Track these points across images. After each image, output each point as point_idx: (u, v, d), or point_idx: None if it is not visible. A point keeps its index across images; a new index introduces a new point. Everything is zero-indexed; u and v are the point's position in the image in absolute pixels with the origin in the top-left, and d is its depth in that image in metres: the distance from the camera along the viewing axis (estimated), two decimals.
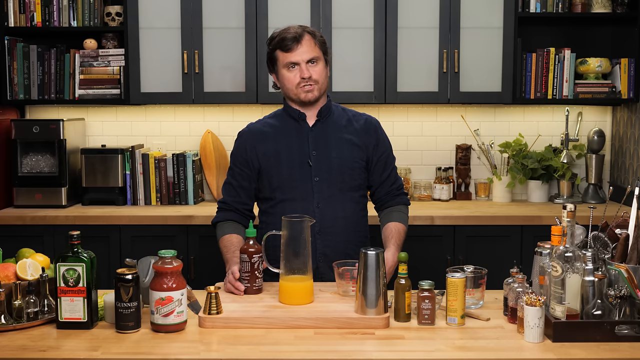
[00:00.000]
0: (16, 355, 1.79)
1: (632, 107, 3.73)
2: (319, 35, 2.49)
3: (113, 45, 3.79)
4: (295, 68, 2.43)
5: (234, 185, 2.53)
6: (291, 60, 2.42)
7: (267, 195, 2.51)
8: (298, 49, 2.42)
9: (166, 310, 1.91)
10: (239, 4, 3.65)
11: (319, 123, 2.51)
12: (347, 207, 2.50)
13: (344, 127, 2.53)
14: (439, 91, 3.69)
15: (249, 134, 2.54)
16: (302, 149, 2.48)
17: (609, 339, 1.85)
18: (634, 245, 1.96)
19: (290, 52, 2.42)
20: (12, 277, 2.03)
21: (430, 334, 1.93)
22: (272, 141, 2.50)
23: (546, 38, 3.88)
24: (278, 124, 2.54)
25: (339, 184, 2.48)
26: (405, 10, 3.66)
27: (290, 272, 2.14)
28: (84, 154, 3.73)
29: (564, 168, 3.79)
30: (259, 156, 2.49)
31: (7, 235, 3.40)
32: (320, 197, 2.46)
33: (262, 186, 2.52)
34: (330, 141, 2.50)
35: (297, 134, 2.50)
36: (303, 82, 2.43)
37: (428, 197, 3.95)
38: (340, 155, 2.49)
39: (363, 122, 2.57)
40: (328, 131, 2.51)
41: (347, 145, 2.51)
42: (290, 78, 2.45)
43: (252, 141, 2.51)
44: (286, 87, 2.47)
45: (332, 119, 2.54)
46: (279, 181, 2.47)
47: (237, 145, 2.56)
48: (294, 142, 2.49)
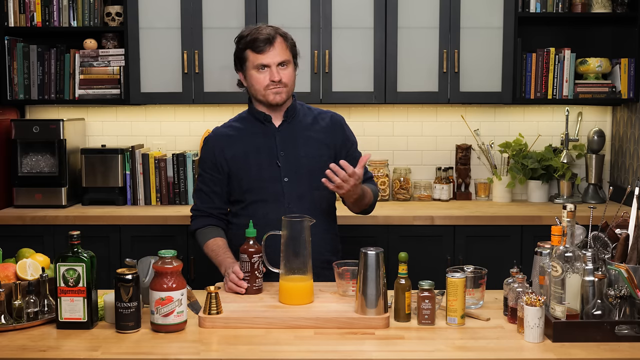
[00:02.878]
0: (16, 355, 1.79)
1: (632, 107, 3.73)
2: (290, 38, 2.49)
3: (113, 45, 3.79)
4: (265, 70, 2.43)
5: (206, 191, 2.53)
6: (262, 62, 2.42)
7: (238, 197, 2.51)
8: (270, 51, 2.41)
9: (166, 310, 1.91)
10: (239, 4, 3.65)
11: (286, 123, 2.52)
12: (318, 206, 2.50)
13: (310, 126, 2.54)
14: (439, 91, 3.69)
15: (215, 138, 2.54)
16: (270, 150, 2.48)
17: (609, 339, 1.85)
18: (634, 245, 1.96)
19: (262, 54, 2.41)
20: (12, 277, 2.03)
21: (430, 334, 1.93)
22: (239, 144, 2.50)
23: (546, 38, 3.88)
24: (243, 127, 2.54)
25: (309, 183, 2.48)
26: (405, 10, 3.66)
27: (290, 272, 2.14)
28: (84, 154, 3.73)
29: (564, 168, 3.79)
30: (227, 159, 2.49)
31: (7, 235, 3.40)
32: (291, 197, 2.46)
33: (232, 189, 2.52)
34: (297, 141, 2.50)
35: (264, 135, 2.50)
36: (272, 85, 2.44)
37: (428, 197, 3.95)
38: (309, 154, 2.49)
39: (329, 120, 2.58)
40: (295, 131, 2.52)
41: (314, 143, 2.51)
42: (260, 79, 2.44)
43: (220, 145, 2.51)
44: (254, 88, 2.47)
45: (298, 118, 2.54)
46: (249, 183, 2.47)
47: (205, 150, 2.56)
48: (261, 143, 2.49)
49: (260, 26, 2.47)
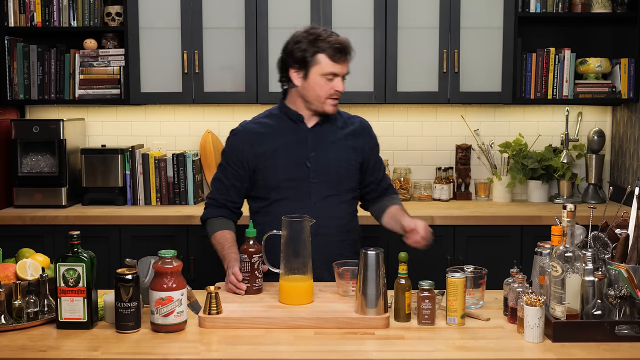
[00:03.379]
0: (16, 355, 1.79)
1: (632, 107, 3.73)
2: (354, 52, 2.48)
3: (113, 45, 3.79)
4: (332, 79, 2.40)
5: (225, 183, 2.51)
6: (335, 72, 2.39)
7: (262, 194, 2.50)
8: (345, 62, 2.41)
9: (166, 310, 1.91)
10: (239, 4, 3.65)
11: (318, 125, 2.51)
12: (342, 208, 2.51)
13: (341, 130, 2.54)
14: (439, 91, 3.69)
15: (245, 134, 2.52)
16: (301, 150, 2.48)
17: (609, 339, 1.85)
18: (634, 245, 1.96)
19: (338, 64, 2.39)
20: (12, 277, 2.03)
21: (430, 334, 1.93)
22: (268, 141, 2.49)
23: (546, 38, 3.88)
24: (274, 124, 2.52)
25: (336, 186, 2.49)
26: (405, 10, 3.66)
27: (290, 272, 2.14)
28: (84, 154, 3.73)
29: (564, 168, 3.79)
30: (255, 156, 2.48)
31: (7, 235, 3.40)
32: (317, 198, 2.46)
33: (257, 186, 2.51)
34: (328, 143, 2.50)
35: (295, 134, 2.49)
36: (335, 95, 2.43)
37: (428, 197, 3.95)
38: (338, 157, 2.50)
39: (358, 125, 2.59)
40: (326, 133, 2.51)
41: (344, 147, 2.52)
42: (325, 87, 2.41)
43: (249, 141, 2.50)
44: (315, 94, 2.43)
45: (330, 121, 2.54)
46: (276, 182, 2.46)
47: (231, 144, 2.53)
48: (292, 142, 2.48)
49: (333, 33, 2.43)
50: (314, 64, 2.40)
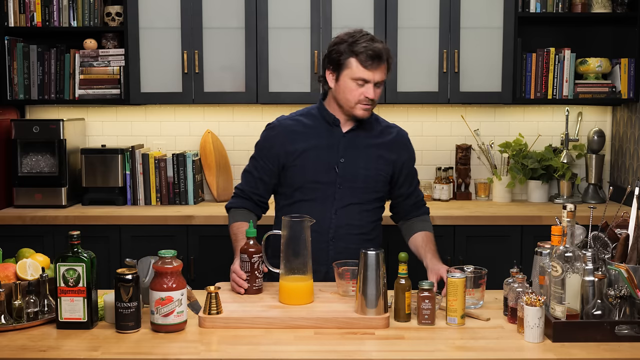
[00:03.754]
0: (16, 355, 1.79)
1: (632, 107, 3.73)
2: (392, 58, 2.43)
3: (113, 45, 3.79)
4: (363, 85, 2.38)
5: (255, 176, 2.51)
6: (365, 78, 2.36)
7: (287, 192, 2.49)
8: (377, 69, 2.36)
9: (166, 310, 1.91)
10: (239, 4, 3.65)
11: (353, 131, 2.49)
12: (364, 217, 2.49)
13: (375, 139, 2.51)
14: (439, 91, 3.69)
15: (281, 130, 2.49)
16: (332, 154, 2.45)
17: (609, 339, 1.85)
18: (634, 245, 1.96)
19: (369, 70, 2.35)
20: (12, 277, 2.03)
21: (430, 334, 1.93)
22: (302, 141, 2.46)
23: (546, 38, 3.88)
24: (311, 124, 2.50)
25: (361, 194, 2.47)
26: (405, 10, 3.66)
27: (290, 272, 2.14)
28: (84, 154, 3.73)
29: (564, 168, 3.79)
30: (287, 153, 2.46)
31: (7, 235, 3.40)
32: (340, 204, 2.45)
33: (284, 183, 2.50)
34: (360, 151, 2.48)
35: (329, 138, 2.47)
36: (365, 101, 2.40)
37: (428, 197, 3.94)
38: (368, 167, 2.47)
39: (395, 135, 2.56)
40: (360, 140, 2.49)
41: (375, 157, 2.49)
42: (355, 93, 2.39)
43: (283, 138, 2.47)
44: (345, 97, 2.41)
45: (366, 128, 2.51)
46: (302, 182, 2.45)
47: (265, 138, 2.52)
48: (324, 145, 2.45)
49: (373, 37, 2.39)
50: (345, 68, 2.37)
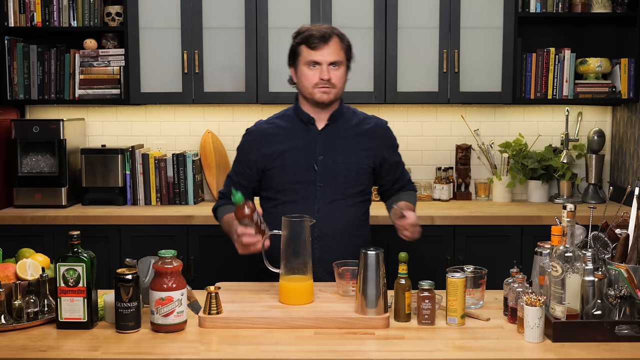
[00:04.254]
0: (16, 355, 1.79)
1: (632, 107, 3.73)
2: (347, 40, 2.47)
3: (113, 45, 3.79)
4: (317, 67, 2.41)
5: (234, 180, 2.54)
6: (314, 59, 2.41)
7: (270, 195, 2.51)
8: (324, 49, 2.40)
9: (166, 310, 1.91)
10: (239, 4, 3.65)
11: (329, 127, 2.50)
12: (349, 213, 2.49)
13: (353, 131, 2.52)
14: (439, 91, 3.69)
15: (257, 134, 2.52)
16: (309, 153, 2.47)
17: (609, 339, 1.85)
18: (634, 245, 1.96)
19: (315, 51, 2.40)
20: (12, 277, 2.03)
21: (430, 334, 1.93)
22: (279, 143, 2.48)
23: (546, 38, 3.88)
24: (287, 125, 2.52)
25: (344, 189, 2.47)
26: (405, 10, 3.66)
27: (290, 272, 2.14)
28: (84, 154, 3.73)
29: (564, 168, 3.79)
30: (264, 157, 2.48)
31: (7, 235, 3.40)
32: (322, 202, 2.45)
33: (265, 187, 2.52)
34: (338, 146, 2.49)
35: (305, 137, 2.49)
36: (321, 83, 2.41)
37: (428, 197, 3.95)
38: (348, 161, 2.48)
39: (373, 125, 2.56)
40: (337, 136, 2.50)
41: (355, 150, 2.50)
42: (309, 76, 2.42)
43: (259, 142, 2.50)
44: (303, 85, 2.45)
45: (343, 122, 2.52)
46: (282, 184, 2.46)
47: (243, 143, 2.55)
48: (301, 145, 2.47)
49: (320, 24, 2.47)
50: (298, 57, 2.45)
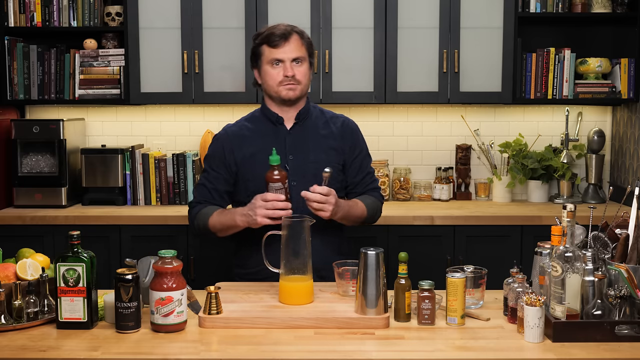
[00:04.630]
0: (16, 355, 1.79)
1: (632, 107, 3.73)
2: (307, 37, 2.50)
3: (113, 45, 3.79)
4: (280, 65, 2.43)
5: (208, 187, 2.51)
6: (276, 57, 2.43)
7: (243, 199, 2.48)
8: (285, 46, 2.42)
9: (166, 310, 1.91)
10: (239, 4, 3.65)
11: (297, 126, 2.51)
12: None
13: (322, 130, 2.53)
14: (439, 91, 3.69)
15: (227, 137, 2.53)
16: (280, 153, 2.46)
17: (609, 339, 1.85)
18: (634, 245, 1.96)
19: (277, 49, 2.42)
20: (12, 277, 2.03)
21: (430, 334, 1.93)
22: (248, 145, 2.49)
23: (546, 38, 3.88)
24: (255, 127, 2.53)
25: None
26: (405, 10, 3.66)
27: (290, 272, 2.14)
28: (84, 154, 3.73)
29: (564, 168, 3.79)
30: (236, 160, 2.49)
31: (7, 235, 3.40)
32: (297, 201, 2.43)
33: (239, 190, 2.52)
34: (307, 145, 2.50)
35: (274, 137, 2.49)
36: (286, 81, 2.43)
37: (428, 197, 3.95)
38: (318, 159, 2.48)
39: (340, 125, 2.57)
40: (306, 134, 2.51)
41: (324, 149, 2.51)
42: (273, 75, 2.44)
43: (230, 144, 2.50)
44: (268, 84, 2.47)
45: (311, 121, 2.53)
46: (255, 185, 2.44)
47: (214, 148, 2.54)
48: (270, 145, 2.45)
49: (278, 24, 2.48)
50: (260, 57, 2.47)
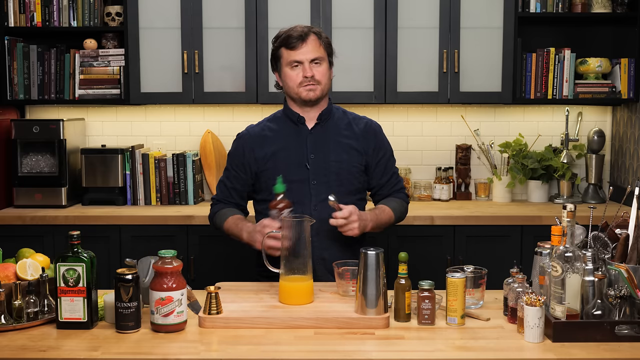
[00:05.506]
0: (16, 355, 1.79)
1: (632, 107, 3.73)
2: (325, 37, 2.50)
3: (113, 45, 3.79)
4: (299, 67, 2.44)
5: (228, 185, 2.57)
6: (295, 59, 2.43)
7: (265, 197, 2.50)
8: (303, 47, 2.42)
9: (166, 310, 1.91)
10: (239, 4, 3.65)
11: (319, 126, 2.52)
12: None
13: (344, 131, 2.54)
14: (439, 91, 3.69)
15: (248, 137, 2.55)
16: (301, 152, 2.48)
17: (609, 339, 1.85)
18: (634, 245, 1.96)
19: (295, 50, 2.43)
20: (12, 277, 2.03)
21: (430, 334, 1.93)
22: (270, 145, 2.50)
23: (546, 38, 3.88)
24: (277, 127, 2.54)
25: (337, 187, 2.47)
26: (405, 10, 3.66)
27: (290, 272, 2.14)
28: (84, 154, 3.73)
29: (564, 168, 3.79)
30: (257, 160, 2.50)
31: (7, 235, 3.40)
32: (317, 200, 2.46)
33: (259, 188, 2.53)
34: (329, 145, 2.50)
35: (296, 136, 2.50)
36: (305, 81, 2.44)
37: (428, 197, 3.95)
38: (339, 159, 2.49)
39: (363, 126, 2.58)
40: (327, 134, 2.51)
41: (345, 149, 2.51)
42: (293, 76, 2.45)
43: (251, 145, 2.52)
44: (288, 86, 2.48)
45: (332, 122, 2.54)
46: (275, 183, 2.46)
47: (235, 147, 2.57)
48: (292, 145, 2.49)
49: (296, 25, 2.49)
50: (280, 59, 2.48)
